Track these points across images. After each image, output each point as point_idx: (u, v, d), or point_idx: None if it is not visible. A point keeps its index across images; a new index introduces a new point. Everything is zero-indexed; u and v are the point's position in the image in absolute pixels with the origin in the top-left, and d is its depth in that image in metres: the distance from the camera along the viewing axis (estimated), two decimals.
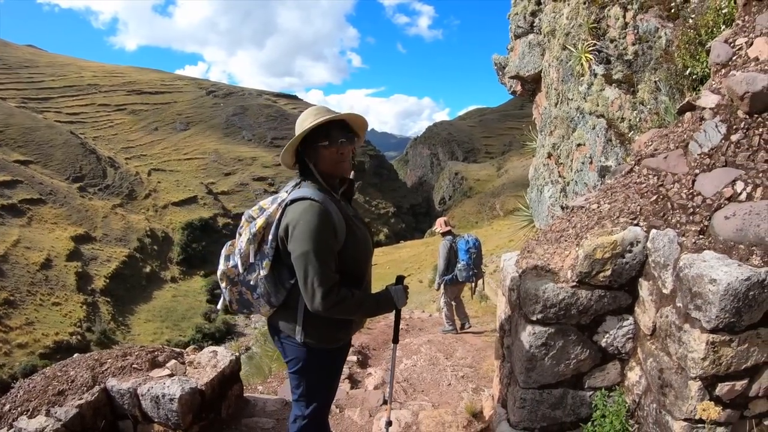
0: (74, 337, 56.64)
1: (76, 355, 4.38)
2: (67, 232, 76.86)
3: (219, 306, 2.85)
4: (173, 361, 4.22)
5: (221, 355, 4.41)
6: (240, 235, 2.71)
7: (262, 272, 2.56)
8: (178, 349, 4.60)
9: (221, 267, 2.69)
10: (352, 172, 2.77)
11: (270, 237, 2.52)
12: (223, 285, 2.71)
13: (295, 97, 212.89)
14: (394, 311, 2.85)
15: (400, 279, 2.84)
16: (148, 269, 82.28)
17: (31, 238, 70.45)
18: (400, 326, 3.45)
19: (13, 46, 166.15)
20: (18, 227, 71.47)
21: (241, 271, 2.62)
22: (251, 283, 2.62)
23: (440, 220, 8.53)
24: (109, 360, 4.10)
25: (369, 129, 2.82)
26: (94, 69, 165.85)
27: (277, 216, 2.51)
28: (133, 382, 3.84)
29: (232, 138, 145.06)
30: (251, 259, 2.58)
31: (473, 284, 8.56)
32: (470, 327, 8.61)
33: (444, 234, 8.30)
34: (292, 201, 2.46)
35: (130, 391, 3.79)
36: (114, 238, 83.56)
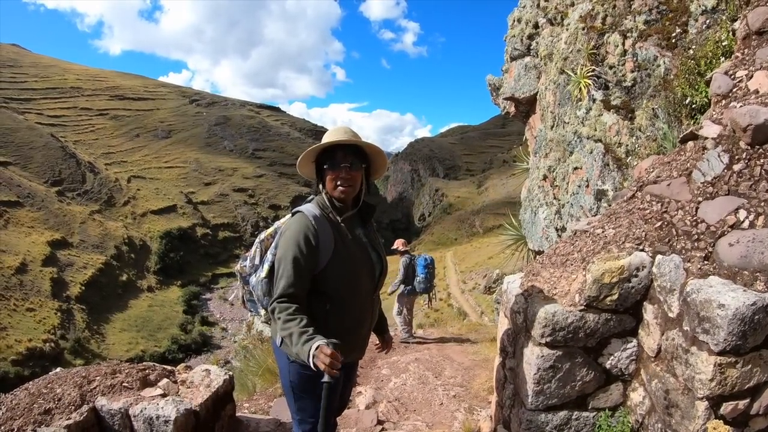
0: (48, 344, 55.45)
1: (59, 369, 4.16)
2: (43, 236, 75.63)
3: (230, 298, 3.05)
4: (165, 380, 4.03)
5: (214, 374, 4.24)
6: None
7: (261, 274, 2.72)
8: (169, 367, 4.39)
9: (237, 266, 2.97)
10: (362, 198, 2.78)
11: (273, 244, 2.72)
12: (238, 282, 3.02)
13: (278, 109, 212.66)
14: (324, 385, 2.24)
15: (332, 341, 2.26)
16: (124, 277, 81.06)
17: (7, 241, 69.25)
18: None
19: None
20: None
21: (248, 271, 2.89)
22: (252, 284, 2.83)
23: (400, 241, 9.50)
24: (98, 377, 3.89)
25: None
26: (78, 72, 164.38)
27: (284, 226, 2.71)
28: (124, 402, 3.65)
29: (214, 148, 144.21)
30: (256, 262, 2.83)
31: (429, 295, 9.67)
32: (412, 339, 9.21)
33: (403, 252, 9.25)
34: (293, 213, 2.65)
35: (121, 412, 3.60)
36: (91, 245, 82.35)
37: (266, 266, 2.69)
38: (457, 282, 58.90)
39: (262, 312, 2.84)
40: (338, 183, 2.58)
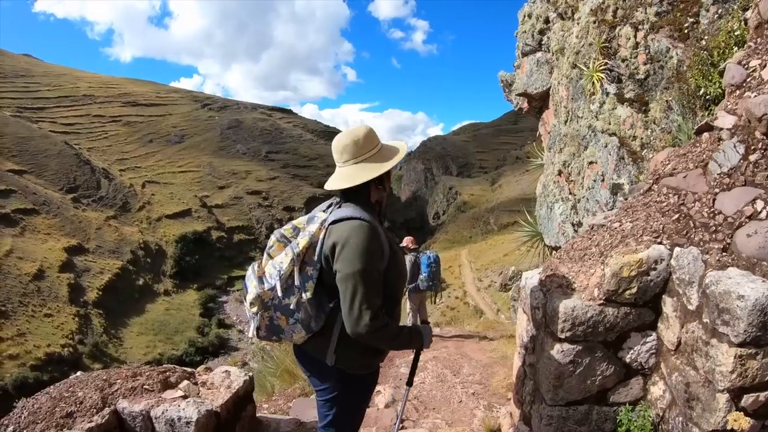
0: (66, 349, 56.14)
1: (80, 373, 4.19)
2: (60, 243, 76.30)
3: (250, 334, 2.59)
4: (186, 382, 4.04)
5: (234, 376, 4.26)
6: (270, 256, 2.61)
7: (306, 295, 2.44)
8: (189, 369, 4.40)
9: (254, 291, 2.47)
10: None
11: (315, 258, 2.46)
12: (254, 310, 2.49)
13: (289, 111, 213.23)
14: (414, 353, 2.89)
15: (425, 320, 2.81)
16: (141, 282, 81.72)
17: (24, 248, 69.94)
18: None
19: (9, 55, 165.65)
20: (11, 237, 70.92)
21: (280, 294, 2.44)
22: (290, 307, 2.46)
23: (408, 239, 9.53)
24: (119, 380, 3.90)
25: None
26: (90, 80, 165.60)
27: (321, 236, 2.46)
28: (146, 404, 3.64)
29: (227, 151, 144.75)
30: (296, 282, 2.45)
31: (434, 293, 9.68)
32: None
33: (410, 250, 9.29)
34: (338, 220, 2.42)
35: (143, 414, 3.59)
36: (107, 250, 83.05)
37: (310, 284, 2.45)
38: (472, 280, 58.83)
39: (299, 335, 2.51)
40: (384, 192, 2.65)
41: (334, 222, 2.43)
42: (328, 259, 2.42)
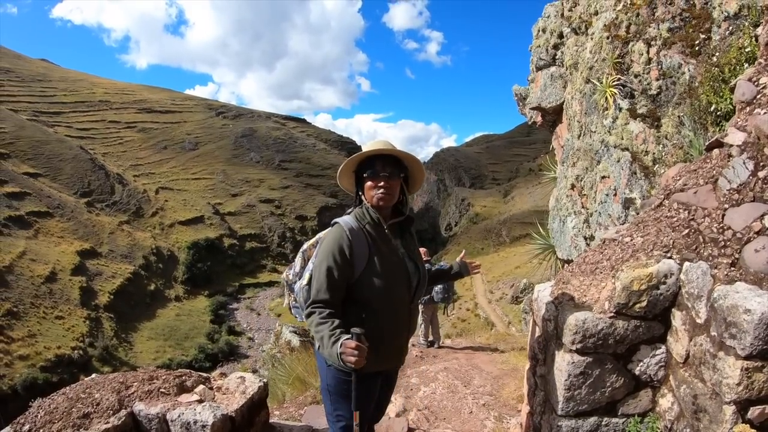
0: (76, 351, 56.30)
1: (95, 375, 4.25)
2: (73, 246, 76.80)
3: (285, 303, 3.25)
4: (201, 386, 4.12)
5: (249, 381, 4.32)
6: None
7: (303, 282, 2.90)
8: (205, 374, 4.47)
9: (284, 274, 3.16)
10: (408, 209, 2.98)
11: (315, 253, 2.88)
12: (285, 290, 3.17)
13: (303, 121, 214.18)
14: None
15: (354, 332, 2.40)
16: (152, 287, 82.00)
17: (37, 250, 70.36)
18: (413, 353, 3.22)
19: (27, 60, 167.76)
20: (24, 239, 71.36)
21: (292, 279, 3.08)
22: (296, 291, 3.02)
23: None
24: (135, 383, 3.96)
25: None
26: (106, 86, 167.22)
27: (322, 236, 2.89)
28: (162, 407, 3.70)
29: (240, 159, 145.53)
30: (297, 269, 3.04)
31: (446, 305, 10.27)
32: (438, 346, 9.60)
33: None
34: (332, 224, 2.80)
35: (159, 417, 3.65)
36: (119, 255, 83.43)
37: (307, 274, 2.85)
38: (484, 292, 58.61)
39: (302, 315, 2.91)
40: (377, 191, 2.69)
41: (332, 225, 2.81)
42: None
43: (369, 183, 2.71)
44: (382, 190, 2.69)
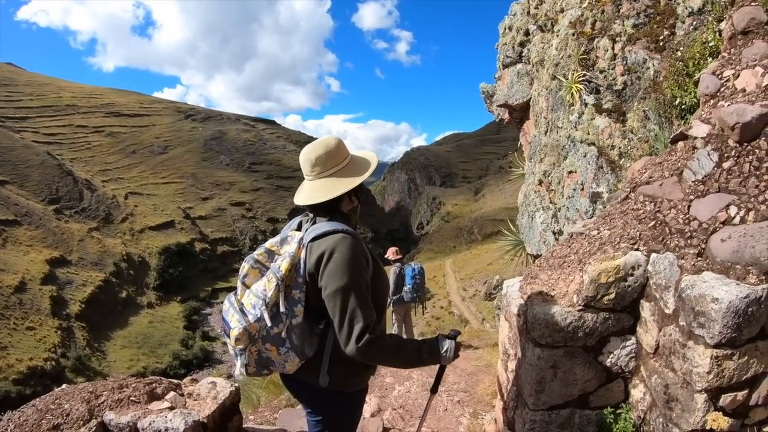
0: (49, 363, 55.35)
1: (65, 385, 4.14)
2: (42, 254, 75.49)
3: (237, 372, 2.42)
4: (172, 393, 4.00)
5: (221, 386, 4.21)
6: (245, 285, 2.43)
7: (295, 320, 2.31)
8: (176, 381, 4.35)
9: (239, 325, 2.27)
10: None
11: (300, 280, 2.32)
12: (240, 347, 2.30)
13: (273, 122, 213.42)
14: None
15: (454, 334, 2.56)
16: (124, 294, 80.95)
17: (6, 260, 69.06)
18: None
19: None
20: None
21: (268, 324, 2.26)
22: (281, 335, 2.32)
23: (392, 249, 9.60)
24: (105, 392, 3.85)
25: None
26: (73, 89, 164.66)
27: (302, 255, 2.33)
28: (132, 416, 3.59)
29: (210, 162, 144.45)
30: (281, 308, 2.28)
31: (417, 305, 9.80)
32: None
33: (394, 261, 9.43)
34: (319, 236, 2.31)
35: (130, 425, 3.55)
36: (90, 262, 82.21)
37: (299, 308, 2.32)
38: (457, 289, 58.95)
39: (292, 363, 2.36)
40: (360, 207, 2.62)
41: (314, 239, 2.32)
42: (313, 276, 2.30)
43: (355, 197, 2.56)
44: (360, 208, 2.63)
